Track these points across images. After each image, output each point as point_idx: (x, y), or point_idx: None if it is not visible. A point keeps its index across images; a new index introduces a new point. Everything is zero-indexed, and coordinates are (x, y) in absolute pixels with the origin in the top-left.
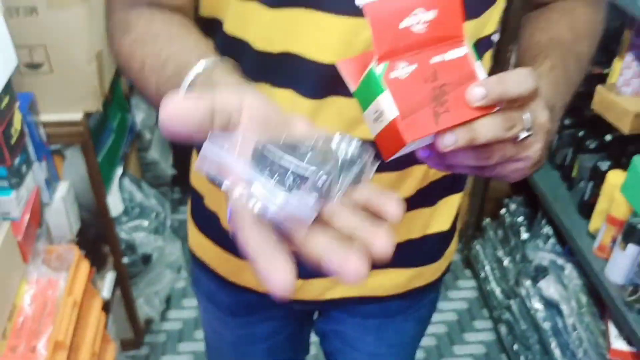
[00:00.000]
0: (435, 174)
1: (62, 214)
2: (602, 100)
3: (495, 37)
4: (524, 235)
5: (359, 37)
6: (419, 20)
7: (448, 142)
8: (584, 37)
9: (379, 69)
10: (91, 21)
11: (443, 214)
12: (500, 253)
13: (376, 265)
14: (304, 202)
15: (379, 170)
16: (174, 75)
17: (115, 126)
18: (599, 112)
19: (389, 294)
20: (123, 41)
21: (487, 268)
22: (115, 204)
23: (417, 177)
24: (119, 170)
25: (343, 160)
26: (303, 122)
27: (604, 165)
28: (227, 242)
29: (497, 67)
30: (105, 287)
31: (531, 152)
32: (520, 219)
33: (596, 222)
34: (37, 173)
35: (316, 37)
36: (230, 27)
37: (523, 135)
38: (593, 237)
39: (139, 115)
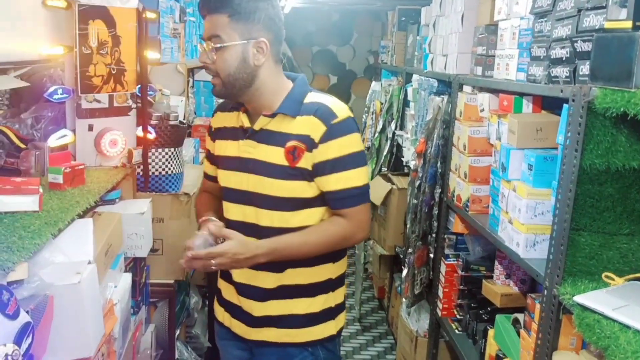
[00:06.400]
0: (286, 280)
1: (148, 345)
2: (487, 288)
3: None
4: None
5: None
6: None
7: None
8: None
9: None
10: (189, 226)
11: (297, 306)
12: None
13: (267, 324)
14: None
15: (261, 269)
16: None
17: (181, 300)
18: (485, 295)
19: (270, 341)
20: (198, 202)
21: None
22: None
23: (269, 277)
24: (177, 331)
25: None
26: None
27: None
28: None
29: None
30: None
31: (216, 262)
32: None
33: None
34: (142, 312)
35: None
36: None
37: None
38: None
39: (193, 299)
